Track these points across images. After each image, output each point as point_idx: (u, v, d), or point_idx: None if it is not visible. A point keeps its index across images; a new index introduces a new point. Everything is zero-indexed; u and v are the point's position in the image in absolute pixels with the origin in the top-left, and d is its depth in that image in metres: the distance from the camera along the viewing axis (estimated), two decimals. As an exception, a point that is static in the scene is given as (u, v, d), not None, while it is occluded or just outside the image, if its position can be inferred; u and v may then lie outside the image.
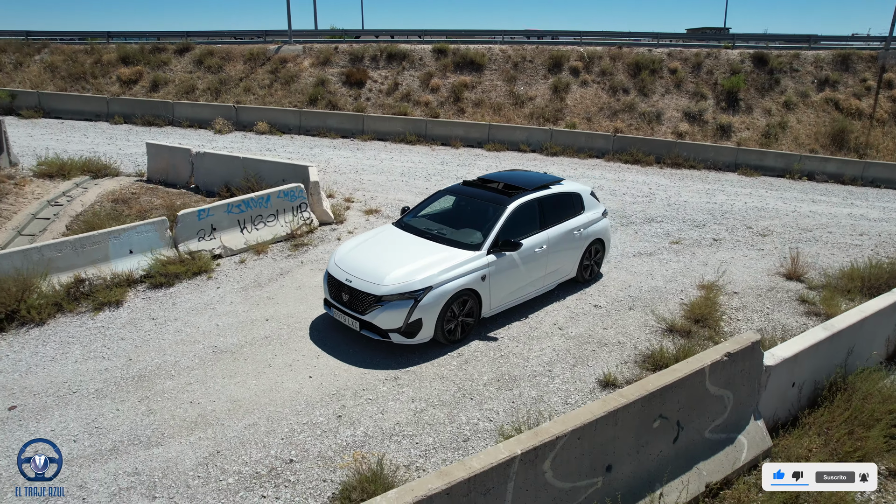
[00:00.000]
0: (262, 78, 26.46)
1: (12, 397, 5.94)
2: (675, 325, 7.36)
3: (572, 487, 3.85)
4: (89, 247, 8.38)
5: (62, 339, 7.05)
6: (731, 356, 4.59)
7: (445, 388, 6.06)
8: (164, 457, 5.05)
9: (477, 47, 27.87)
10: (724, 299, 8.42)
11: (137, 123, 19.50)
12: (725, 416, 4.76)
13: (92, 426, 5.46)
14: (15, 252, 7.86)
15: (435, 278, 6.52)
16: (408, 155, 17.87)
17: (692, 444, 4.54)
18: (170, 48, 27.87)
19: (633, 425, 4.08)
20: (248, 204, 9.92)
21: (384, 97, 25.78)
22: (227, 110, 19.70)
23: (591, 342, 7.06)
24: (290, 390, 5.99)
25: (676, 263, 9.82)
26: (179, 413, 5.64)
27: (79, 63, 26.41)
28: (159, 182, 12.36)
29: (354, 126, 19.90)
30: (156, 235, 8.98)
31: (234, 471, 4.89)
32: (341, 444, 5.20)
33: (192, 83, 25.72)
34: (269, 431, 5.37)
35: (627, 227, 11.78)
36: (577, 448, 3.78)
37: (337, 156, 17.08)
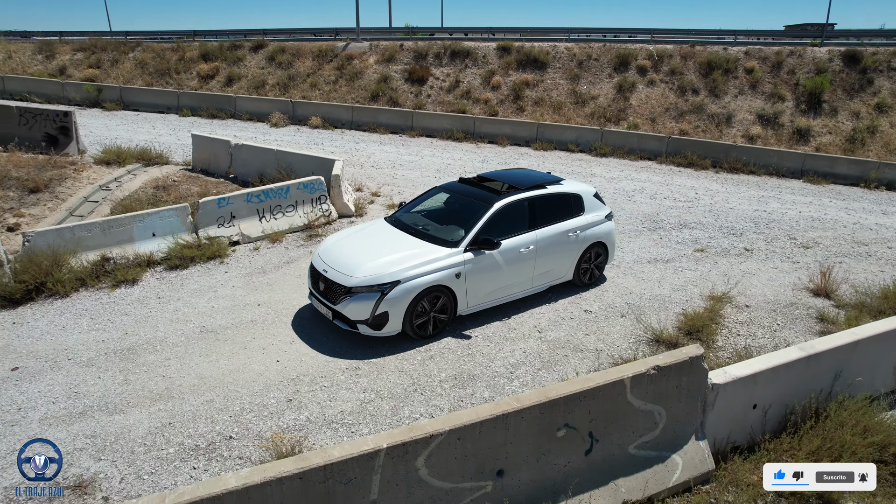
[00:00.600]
0: (328, 74, 27.41)
1: (18, 359, 6.59)
2: (663, 335, 7.00)
3: (454, 488, 3.81)
4: (116, 228, 9.10)
5: (76, 311, 7.72)
6: (661, 370, 4.36)
7: (401, 381, 6.12)
8: (122, 424, 5.44)
9: (542, 45, 27.50)
10: (732, 312, 7.91)
11: (203, 116, 20.83)
12: (657, 432, 4.52)
13: (72, 391, 5.97)
14: (50, 230, 8.68)
15: (404, 273, 6.58)
16: (451, 152, 17.94)
17: (611, 459, 4.35)
18: (246, 45, 29.47)
19: (531, 432, 3.98)
20: (267, 194, 10.38)
21: (444, 94, 26.00)
22: (284, 105, 20.60)
23: (566, 347, 6.87)
24: (254, 372, 6.27)
25: (692, 272, 9.30)
26: (150, 385, 6.05)
27: (165, 60, 28.51)
28: (201, 171, 13.17)
29: (404, 122, 20.22)
30: (178, 220, 9.60)
31: (178, 442, 5.20)
32: (282, 426, 5.40)
33: (262, 78, 27.10)
34: (222, 409, 5.65)
35: (654, 232, 11.27)
36: (457, 448, 3.74)
37: (380, 151, 17.44)
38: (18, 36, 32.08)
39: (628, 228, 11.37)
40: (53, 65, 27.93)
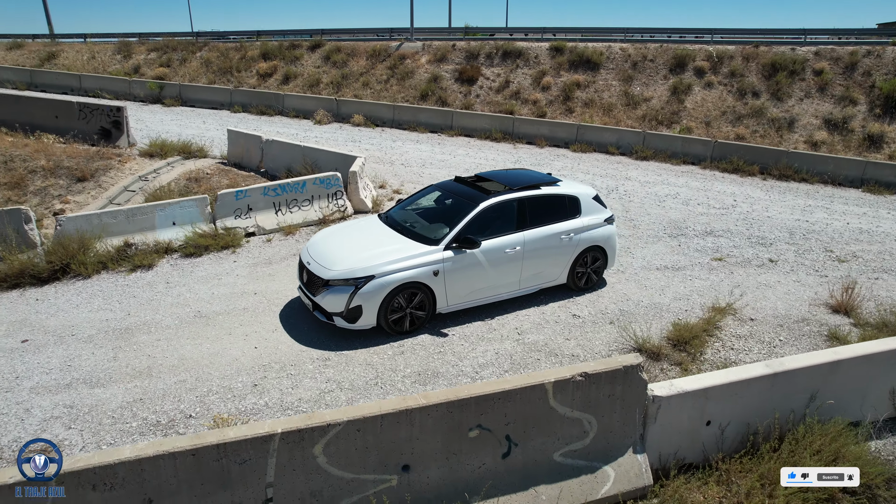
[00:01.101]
0: (380, 73, 27.95)
1: (31, 333, 7.18)
2: (647, 345, 6.75)
3: (356, 479, 3.87)
4: (139, 216, 9.71)
5: (92, 292, 8.31)
6: (590, 377, 4.24)
7: (365, 374, 6.22)
8: (100, 397, 5.84)
9: (595, 45, 26.96)
10: (732, 325, 7.51)
11: (252, 112, 21.75)
12: (587, 441, 4.40)
13: (66, 364, 6.45)
14: (79, 216, 9.37)
15: (379, 268, 6.68)
16: (485, 152, 17.90)
17: (532, 464, 4.28)
18: (304, 44, 30.48)
19: (439, 430, 3.97)
20: (283, 188, 10.76)
21: (493, 94, 25.95)
22: (328, 103, 21.19)
23: (541, 351, 6.75)
24: (231, 356, 6.54)
25: (702, 282, 8.89)
26: (134, 363, 6.44)
27: (228, 59, 29.92)
28: (235, 165, 13.79)
29: (444, 122, 20.33)
30: (196, 211, 10.12)
31: (142, 417, 5.52)
32: (240, 409, 5.62)
33: (317, 77, 27.96)
34: (191, 389, 5.95)
35: (674, 238, 10.83)
36: (357, 440, 3.79)
37: (414, 149, 17.64)
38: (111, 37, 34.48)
39: (647, 234, 10.98)
40: (129, 64, 29.94)
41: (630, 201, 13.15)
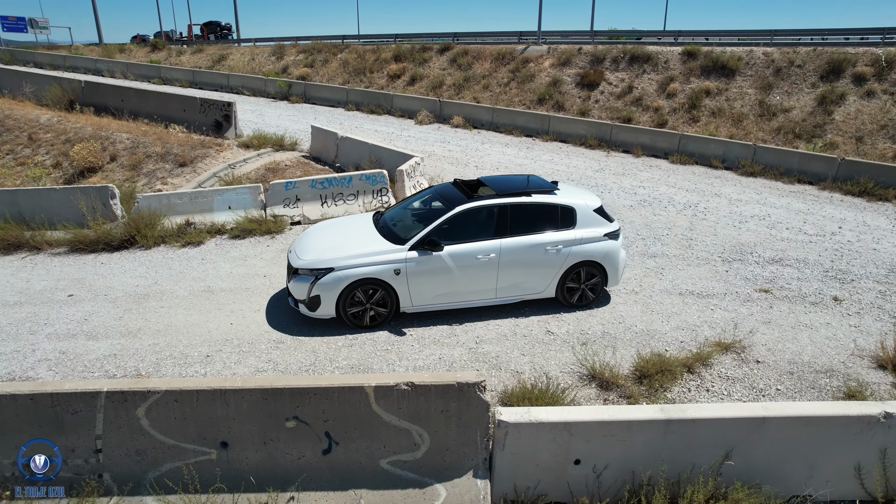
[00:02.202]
0: (501, 76, 28.12)
1: (78, 289, 8.55)
2: (603, 372, 6.23)
3: (176, 446, 4.19)
4: (200, 199, 10.99)
5: (142, 260, 9.63)
6: (417, 388, 4.14)
7: (304, 360, 6.53)
8: (88, 348, 6.83)
9: (734, 49, 24.66)
10: (728, 364, 6.61)
11: (363, 111, 23.11)
12: (418, 455, 4.30)
13: (84, 318, 7.61)
14: (152, 195, 10.87)
15: (339, 262, 6.95)
16: (572, 158, 17.26)
17: (357, 467, 4.28)
18: (434, 47, 31.61)
19: (255, 414, 4.15)
20: (330, 182, 11.46)
21: (613, 100, 24.87)
22: (432, 104, 21.80)
23: (487, 363, 6.54)
24: (206, 328, 7.25)
25: (725, 313, 7.88)
26: (131, 324, 7.42)
27: (364, 60, 32.02)
28: (314, 158, 14.89)
29: (539, 126, 19.93)
30: (250, 198, 11.18)
31: (105, 369, 6.38)
32: (182, 373, 6.24)
33: (441, 79, 28.88)
34: (157, 352, 6.72)
35: (726, 263, 9.66)
36: (176, 409, 4.11)
37: (498, 152, 17.55)
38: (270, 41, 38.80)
39: (697, 256, 9.93)
40: (280, 65, 33.39)
41: (703, 219, 11.92)
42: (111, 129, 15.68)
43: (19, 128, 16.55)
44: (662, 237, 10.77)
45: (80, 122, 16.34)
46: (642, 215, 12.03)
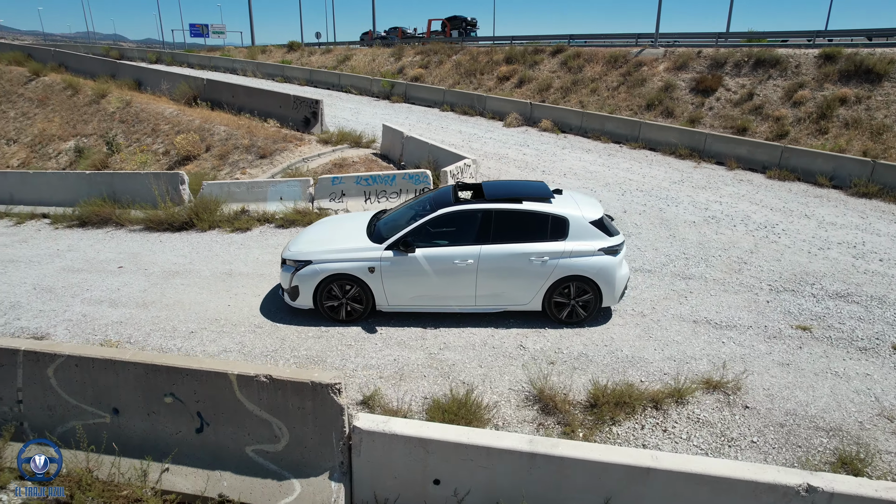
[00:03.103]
0: (611, 80, 26.99)
1: (129, 263, 9.68)
2: (550, 395, 5.84)
3: (78, 406, 4.65)
4: (256, 189, 11.89)
5: (191, 242, 10.64)
6: (274, 382, 4.23)
7: (268, 346, 6.86)
8: (105, 314, 7.74)
9: (884, 51, 21.52)
10: (706, 405, 5.87)
11: (456, 111, 23.30)
12: (279, 447, 4.38)
13: (116, 288, 8.62)
14: (214, 183, 11.96)
15: (317, 255, 7.21)
16: (652, 168, 16.09)
17: (224, 450, 4.46)
18: (547, 49, 31.07)
19: (139, 387, 4.48)
20: (374, 179, 11.81)
21: (729, 108, 22.84)
22: (523, 107, 21.43)
23: (440, 370, 6.41)
24: (206, 308, 7.87)
25: (735, 347, 6.97)
26: (149, 297, 8.26)
27: (477, 62, 32.30)
28: (383, 156, 15.37)
29: (629, 132, 18.79)
30: (300, 190, 11.88)
31: (105, 334, 7.19)
32: (163, 346, 6.86)
33: (549, 82, 28.33)
34: (155, 323, 7.43)
35: (773, 293, 8.51)
36: (77, 374, 4.57)
37: (575, 158, 16.86)
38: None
39: (740, 282, 8.85)
40: (397, 65, 34.74)
41: (772, 242, 10.58)
42: (214, 122, 17.43)
43: (147, 120, 18.97)
44: (711, 258, 9.73)
45: (193, 116, 18.35)
46: (701, 233, 10.95)
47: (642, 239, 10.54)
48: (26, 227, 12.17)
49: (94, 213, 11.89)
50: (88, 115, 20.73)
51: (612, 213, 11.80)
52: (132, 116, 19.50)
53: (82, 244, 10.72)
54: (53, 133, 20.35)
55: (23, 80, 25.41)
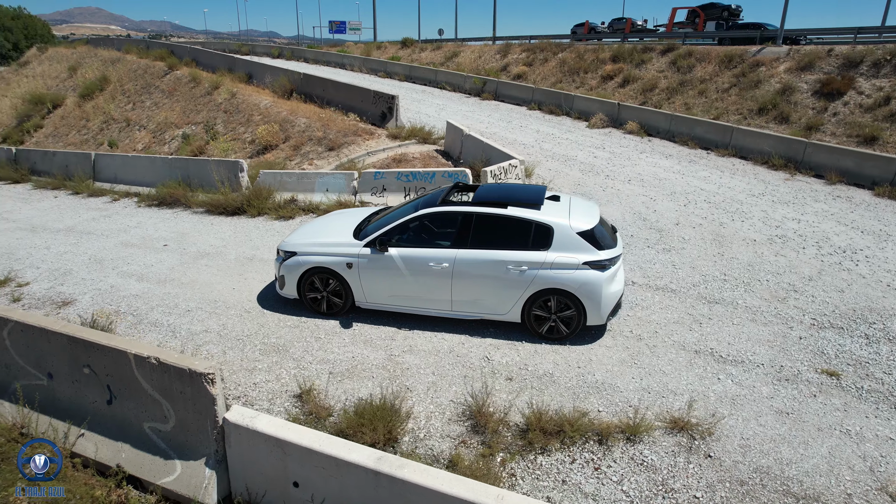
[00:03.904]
0: (722, 81, 24.88)
1: (174, 242, 10.57)
2: (485, 413, 5.55)
3: (24, 368, 5.18)
4: (305, 180, 12.43)
5: (236, 227, 11.38)
6: (162, 365, 4.43)
7: (245, 330, 7.16)
8: (129, 287, 8.53)
9: None
10: (659, 446, 5.24)
11: (543, 110, 22.58)
12: (168, 427, 4.59)
13: (150, 265, 9.45)
14: (268, 172, 12.68)
15: (302, 248, 7.40)
16: (733, 179, 14.53)
17: (127, 423, 4.75)
18: (657, 48, 29.23)
19: (66, 356, 4.90)
20: (414, 176, 11.85)
21: (859, 114, 20.11)
22: (610, 107, 20.29)
23: (389, 372, 6.31)
24: (213, 289, 8.40)
25: (729, 386, 6.13)
26: (171, 275, 8.97)
27: (583, 60, 31.17)
28: (445, 153, 15.36)
29: (720, 138, 17.10)
30: (344, 183, 12.24)
31: (118, 304, 7.92)
32: (156, 321, 7.42)
33: (654, 82, 26.66)
34: (162, 299, 8.06)
35: (810, 327, 7.36)
36: (22, 338, 5.09)
37: (649, 164, 15.68)
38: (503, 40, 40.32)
39: (779, 312, 7.77)
40: (502, 62, 34.48)
41: (843, 270, 9.15)
42: (298, 115, 18.45)
43: (244, 110, 20.52)
44: (755, 282, 8.63)
45: (282, 108, 19.56)
46: (757, 253, 9.74)
47: (683, 255, 9.59)
48: (117, 204, 13.71)
49: (169, 194, 13.11)
50: (201, 105, 22.86)
51: (663, 225, 10.89)
52: (234, 107, 21.20)
53: (148, 222, 11.87)
54: (172, 121, 22.70)
55: (161, 73, 28.59)
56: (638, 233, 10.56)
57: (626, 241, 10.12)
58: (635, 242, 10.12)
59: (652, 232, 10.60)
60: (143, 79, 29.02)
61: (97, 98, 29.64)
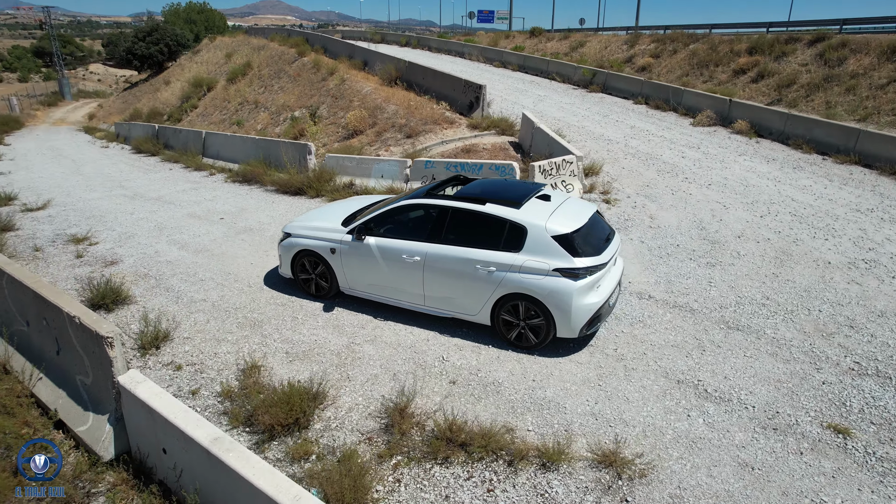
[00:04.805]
0: (879, 77, 21.45)
1: (232, 216, 11.48)
2: (407, 414, 5.40)
3: (13, 314, 5.97)
4: (363, 165, 12.83)
5: (290, 206, 12.07)
6: (82, 325, 4.88)
7: (238, 304, 7.60)
8: (168, 253, 9.44)
9: None
10: (575, 482, 4.77)
11: (650, 105, 20.85)
12: (89, 382, 5.06)
13: (197, 235, 10.36)
14: (331, 156, 13.25)
15: (296, 231, 7.68)
16: (843, 190, 12.38)
17: (66, 373, 5.31)
18: (804, 38, 25.81)
19: (34, 308, 5.57)
20: (462, 166, 11.69)
21: None
22: (720, 103, 18.21)
23: (338, 360, 6.35)
24: (234, 263, 9.01)
25: (698, 427, 5.33)
26: (209, 246, 9.76)
27: (716, 52, 28.44)
28: (517, 144, 14.93)
29: (842, 142, 14.58)
30: (398, 170, 12.43)
31: (149, 268, 8.79)
32: (172, 287, 8.15)
33: (793, 77, 23.62)
34: (187, 268, 8.81)
35: (842, 373, 6.14)
36: (11, 290, 5.86)
37: (742, 168, 13.91)
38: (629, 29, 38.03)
39: (821, 350, 6.60)
40: (628, 53, 32.51)
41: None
42: (390, 102, 18.97)
43: (348, 96, 21.52)
44: (802, 311, 7.41)
45: (380, 94, 20.22)
46: (825, 278, 8.32)
47: (726, 272, 8.47)
48: (210, 178, 15.16)
49: (250, 171, 14.23)
50: (315, 90, 24.37)
51: (721, 237, 9.71)
52: (341, 93, 22.32)
53: (223, 196, 13.00)
54: (289, 104, 24.48)
55: (291, 60, 30.89)
56: (686, 242, 9.50)
57: (666, 251, 9.17)
58: (677, 253, 9.13)
59: (703, 243, 9.48)
60: (277, 64, 31.54)
61: (239, 82, 32.80)
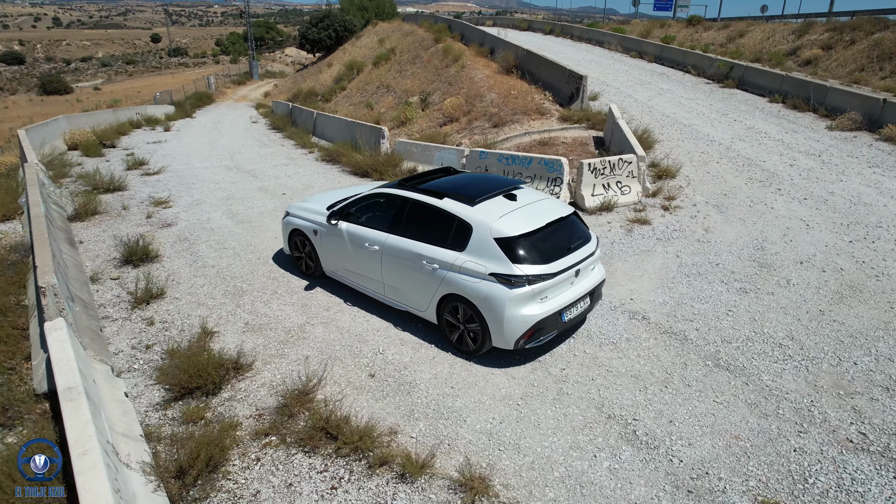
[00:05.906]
0: None
1: (294, 192, 12.30)
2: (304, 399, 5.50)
3: (35, 258, 7.09)
4: (426, 151, 12.97)
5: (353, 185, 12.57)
6: (34, 268, 5.67)
7: (239, 273, 8.19)
8: (213, 220, 10.40)
9: None
10: (423, 498, 4.55)
11: (786, 104, 17.87)
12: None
13: (251, 207, 11.25)
14: (402, 142, 13.58)
15: (293, 210, 8.06)
16: None
17: (42, 313, 6.19)
18: None
19: (34, 254, 6.56)
20: (513, 160, 11.29)
21: None
22: (872, 104, 15.05)
23: (285, 337, 6.58)
24: (263, 236, 9.67)
25: (598, 473, 4.70)
26: (254, 219, 10.56)
27: (908, 41, 23.82)
28: (600, 139, 13.95)
29: None
30: (455, 158, 12.36)
31: (188, 232, 9.78)
32: (198, 251, 9.01)
33: None
34: (222, 236, 9.66)
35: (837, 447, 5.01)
36: (32, 236, 6.97)
37: (857, 182, 11.42)
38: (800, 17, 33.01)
39: (814, 381, 5.46)
40: (794, 44, 28.42)
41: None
42: (493, 90, 18.75)
43: (461, 83, 21.66)
44: (825, 362, 6.11)
45: (488, 83, 20.05)
46: (888, 325, 6.74)
47: (759, 303, 7.23)
48: (307, 156, 16.32)
49: (336, 151, 15.09)
50: (437, 76, 24.86)
51: (777, 261, 8.36)
52: (457, 79, 22.52)
53: (303, 173, 13.95)
54: (412, 89, 25.29)
55: (428, 46, 31.77)
56: (728, 262, 8.25)
57: (698, 270, 8.06)
58: (710, 273, 7.97)
59: (749, 265, 8.16)
60: (415, 50, 32.62)
61: (382, 66, 34.54)
